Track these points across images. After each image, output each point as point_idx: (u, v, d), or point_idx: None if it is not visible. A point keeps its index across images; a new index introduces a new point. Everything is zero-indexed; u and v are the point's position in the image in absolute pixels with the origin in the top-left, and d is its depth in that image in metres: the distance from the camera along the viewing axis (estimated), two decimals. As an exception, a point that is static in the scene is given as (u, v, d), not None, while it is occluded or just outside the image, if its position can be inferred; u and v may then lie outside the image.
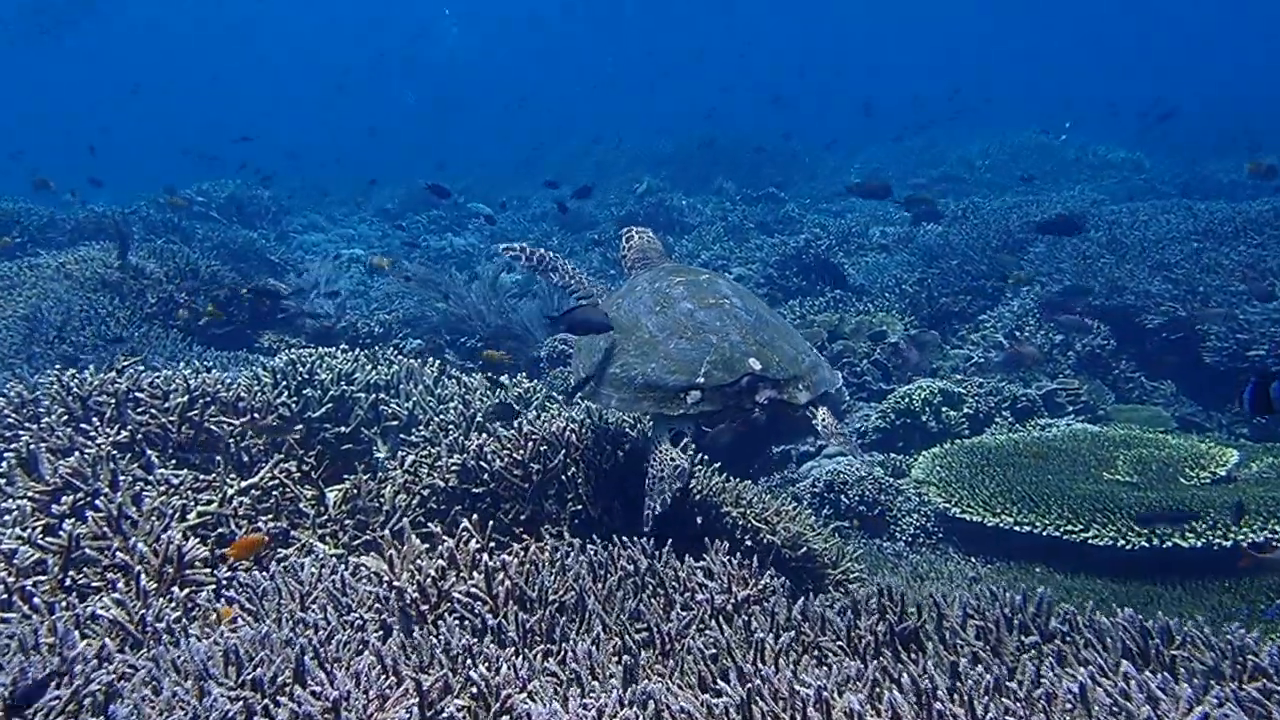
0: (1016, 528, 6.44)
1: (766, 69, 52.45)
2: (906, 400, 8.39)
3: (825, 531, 5.90)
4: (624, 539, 3.68)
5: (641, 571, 3.48)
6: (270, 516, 4.64)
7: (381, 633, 3.20)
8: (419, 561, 3.53)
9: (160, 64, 62.95)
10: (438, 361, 6.39)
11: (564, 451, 4.84)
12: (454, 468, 4.91)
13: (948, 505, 6.83)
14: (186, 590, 3.49)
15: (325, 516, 4.76)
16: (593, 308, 4.47)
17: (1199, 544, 5.96)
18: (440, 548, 3.58)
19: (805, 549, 5.46)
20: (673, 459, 4.01)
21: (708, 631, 3.20)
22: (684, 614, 3.28)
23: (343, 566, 3.59)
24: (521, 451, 4.88)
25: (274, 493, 4.74)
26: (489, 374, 6.64)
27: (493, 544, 4.49)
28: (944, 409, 8.32)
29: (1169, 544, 6.00)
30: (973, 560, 6.68)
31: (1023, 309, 10.22)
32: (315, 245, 18.57)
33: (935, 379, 8.97)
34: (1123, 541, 6.10)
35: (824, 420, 4.09)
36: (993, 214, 13.20)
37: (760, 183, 23.20)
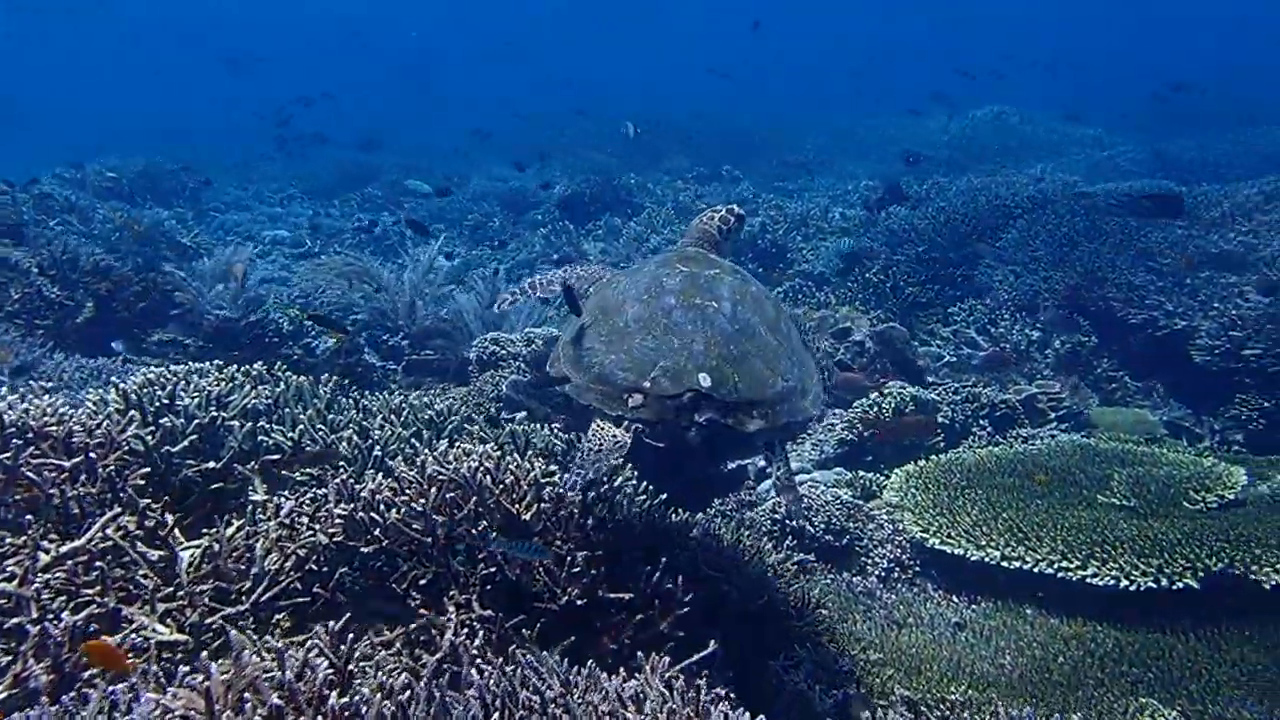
0: (1004, 563, 5.65)
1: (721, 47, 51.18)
2: (875, 408, 7.55)
3: (788, 574, 5.13)
4: (529, 658, 2.77)
5: (549, 703, 2.58)
6: (96, 590, 3.67)
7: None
8: (249, 692, 2.59)
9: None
10: (333, 378, 5.40)
11: (475, 498, 3.97)
12: (339, 519, 4.00)
13: (925, 535, 6.02)
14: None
15: (173, 586, 3.81)
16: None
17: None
18: (280, 675, 2.65)
19: (767, 597, 4.74)
20: (614, 435, 3.61)
21: (640, 803, 2.33)
22: (609, 772, 2.39)
23: (144, 703, 2.62)
24: (423, 500, 3.98)
25: (104, 559, 3.75)
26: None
27: (372, 630, 3.60)
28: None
29: (1180, 585, 5.26)
30: (954, 600, 5.88)
31: (996, 302, 9.44)
32: (237, 225, 17.21)
33: (906, 382, 8.15)
34: (1126, 582, 5.33)
35: (775, 466, 3.85)
36: (959, 195, 12.33)
37: (711, 160, 22.24)
